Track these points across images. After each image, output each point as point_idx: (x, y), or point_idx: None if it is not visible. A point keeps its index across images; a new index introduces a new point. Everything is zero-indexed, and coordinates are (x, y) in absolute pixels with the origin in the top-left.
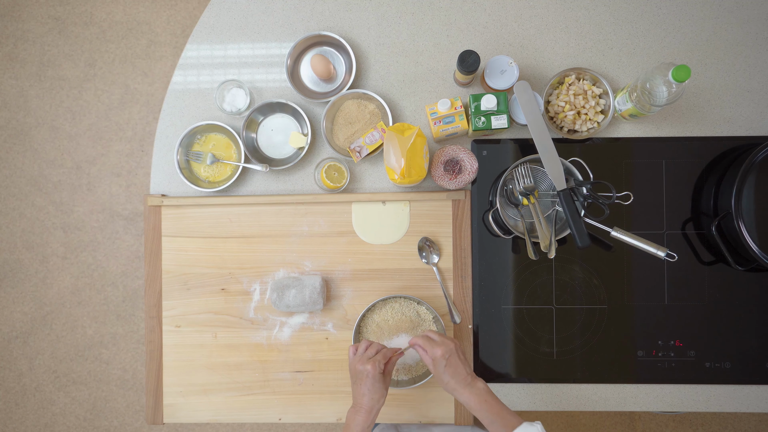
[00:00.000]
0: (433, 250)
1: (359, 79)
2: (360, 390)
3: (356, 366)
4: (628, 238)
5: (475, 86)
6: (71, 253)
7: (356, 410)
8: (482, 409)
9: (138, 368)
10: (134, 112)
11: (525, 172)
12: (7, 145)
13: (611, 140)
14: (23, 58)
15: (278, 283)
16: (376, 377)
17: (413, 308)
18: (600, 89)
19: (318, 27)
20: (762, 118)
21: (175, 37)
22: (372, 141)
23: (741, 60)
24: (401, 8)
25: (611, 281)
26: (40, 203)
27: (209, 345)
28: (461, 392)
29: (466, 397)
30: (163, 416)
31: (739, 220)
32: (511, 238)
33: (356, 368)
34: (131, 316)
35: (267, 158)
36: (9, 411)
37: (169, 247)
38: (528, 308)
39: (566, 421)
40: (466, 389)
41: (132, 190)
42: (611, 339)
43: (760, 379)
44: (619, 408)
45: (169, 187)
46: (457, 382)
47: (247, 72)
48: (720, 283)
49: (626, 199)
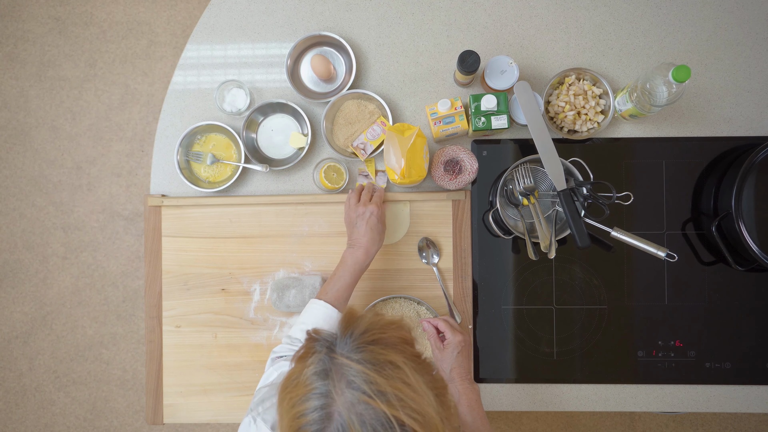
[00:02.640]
0: (433, 250)
1: (359, 79)
2: (360, 231)
3: (358, 209)
4: (628, 238)
5: (475, 86)
6: (71, 253)
7: (354, 249)
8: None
9: (138, 368)
10: (134, 112)
11: (525, 173)
12: (7, 145)
13: (611, 140)
14: (23, 58)
15: (278, 283)
16: (379, 216)
17: (413, 308)
18: (600, 89)
19: (318, 27)
20: (762, 118)
21: (175, 37)
22: (374, 136)
23: (741, 60)
24: (401, 8)
25: (611, 281)
26: (40, 203)
27: (209, 345)
28: (459, 383)
29: (462, 390)
30: (163, 416)
31: (739, 220)
32: (511, 239)
33: (358, 210)
34: (131, 316)
35: (267, 158)
36: (9, 411)
37: (170, 247)
38: (528, 308)
39: (566, 421)
40: (465, 383)
41: (132, 191)
42: (611, 339)
43: (760, 380)
44: (619, 408)
45: (170, 187)
46: (460, 373)
47: (247, 72)
48: (720, 283)
49: (626, 199)
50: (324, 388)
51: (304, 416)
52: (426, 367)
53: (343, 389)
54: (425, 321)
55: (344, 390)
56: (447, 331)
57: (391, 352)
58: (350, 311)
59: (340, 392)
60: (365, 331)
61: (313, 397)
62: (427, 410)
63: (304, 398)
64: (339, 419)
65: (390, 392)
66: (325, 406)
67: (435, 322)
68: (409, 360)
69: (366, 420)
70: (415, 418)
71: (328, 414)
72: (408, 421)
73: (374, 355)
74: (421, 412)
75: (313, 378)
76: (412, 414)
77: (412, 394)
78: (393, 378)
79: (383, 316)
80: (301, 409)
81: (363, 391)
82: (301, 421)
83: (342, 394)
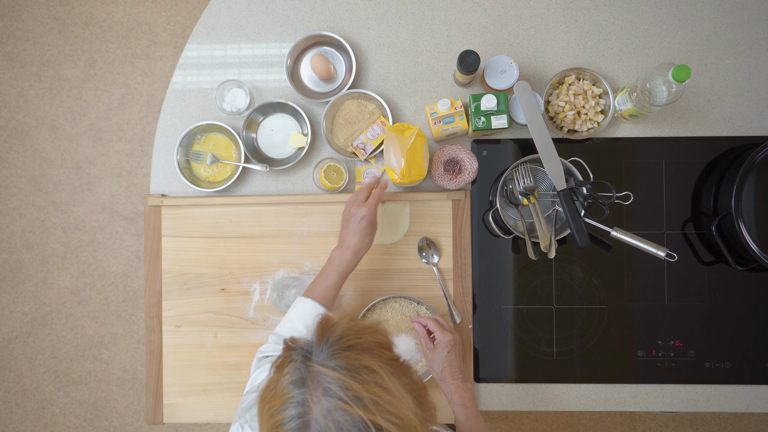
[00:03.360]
0: (433, 250)
1: (359, 79)
2: (350, 232)
3: (351, 209)
4: (628, 238)
5: (475, 86)
6: (71, 253)
7: (343, 249)
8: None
9: (138, 368)
10: (134, 112)
11: (525, 172)
12: (7, 145)
13: (611, 140)
14: (23, 58)
15: (278, 283)
16: (370, 219)
17: (413, 308)
18: (600, 89)
19: (318, 27)
20: (762, 118)
21: (175, 37)
22: (374, 136)
23: (741, 60)
24: (401, 8)
25: (611, 281)
26: (40, 203)
27: (209, 345)
28: (450, 382)
29: (454, 389)
30: (163, 416)
31: (739, 220)
32: (511, 238)
33: (351, 211)
34: (131, 316)
35: (267, 158)
36: (9, 411)
37: (169, 247)
38: (528, 308)
39: (566, 421)
40: (456, 382)
41: (132, 190)
42: (611, 339)
43: (760, 379)
44: (619, 408)
45: (169, 187)
46: (451, 372)
47: (247, 72)
48: (720, 283)
49: (626, 199)
50: (300, 396)
51: (282, 425)
52: (404, 370)
53: (320, 397)
54: (415, 321)
55: (320, 397)
56: (436, 331)
57: (366, 357)
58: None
59: (317, 400)
60: (340, 338)
61: (290, 406)
62: (405, 413)
63: (282, 408)
64: (316, 426)
65: (366, 397)
66: (302, 414)
67: (424, 321)
68: (386, 364)
69: (343, 426)
70: (393, 422)
71: (306, 422)
72: (385, 424)
73: (350, 360)
74: (399, 415)
75: (289, 387)
76: (390, 417)
77: (388, 398)
78: (369, 383)
79: (359, 321)
80: (278, 418)
81: (339, 398)
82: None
83: (318, 402)
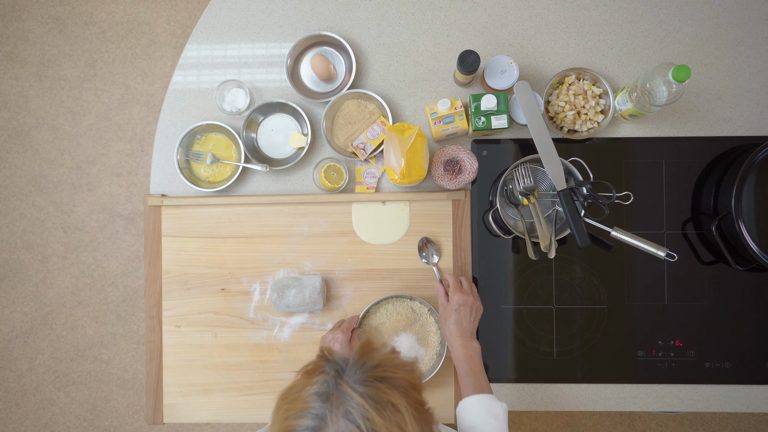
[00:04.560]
0: (433, 249)
1: (359, 79)
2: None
3: (326, 337)
4: (628, 238)
5: (475, 86)
6: (71, 253)
7: None
8: (465, 363)
9: (138, 368)
10: (134, 112)
11: (525, 172)
12: (7, 145)
13: (611, 140)
14: (23, 58)
15: (278, 283)
16: (344, 343)
17: (406, 305)
18: (600, 89)
19: (318, 27)
20: (762, 118)
21: (175, 37)
22: (374, 136)
23: (741, 60)
24: (401, 8)
25: (611, 281)
26: (40, 203)
27: (209, 345)
28: (456, 340)
29: (458, 345)
30: (163, 416)
31: (739, 220)
32: (511, 238)
33: (326, 339)
34: (131, 316)
35: (267, 158)
36: (9, 411)
37: (169, 247)
38: (528, 308)
39: (566, 421)
40: (461, 339)
41: (132, 190)
42: (611, 339)
43: (760, 379)
44: (619, 408)
45: (169, 187)
46: (458, 330)
47: (247, 72)
48: (720, 283)
49: (626, 199)
50: (321, 410)
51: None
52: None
53: (339, 417)
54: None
55: (340, 419)
56: (450, 290)
57: (396, 394)
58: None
59: (335, 420)
60: (377, 366)
61: (308, 416)
62: None
63: (299, 414)
64: None
65: None
66: (317, 428)
67: (448, 277)
68: (411, 407)
69: None
70: None
71: None
72: None
73: (379, 392)
74: None
75: (313, 397)
76: None
77: None
78: (391, 420)
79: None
80: (293, 423)
81: (357, 426)
82: None
83: (336, 422)
